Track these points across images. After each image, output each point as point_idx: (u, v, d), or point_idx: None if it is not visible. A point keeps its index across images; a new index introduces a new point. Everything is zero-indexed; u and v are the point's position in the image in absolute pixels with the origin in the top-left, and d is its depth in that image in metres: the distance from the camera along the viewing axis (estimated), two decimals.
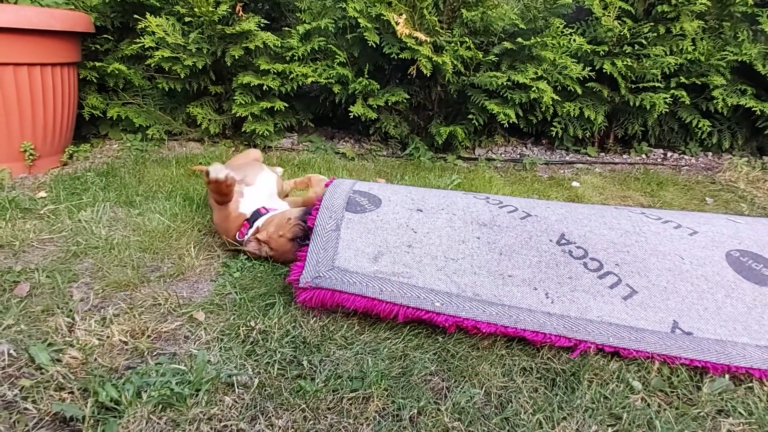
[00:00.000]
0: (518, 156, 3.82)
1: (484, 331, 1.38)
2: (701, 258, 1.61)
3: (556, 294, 1.47)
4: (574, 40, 3.30)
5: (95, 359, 1.24)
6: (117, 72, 3.22)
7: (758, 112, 3.37)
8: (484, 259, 1.55)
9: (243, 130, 3.41)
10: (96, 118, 3.47)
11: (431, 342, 1.40)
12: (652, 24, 3.25)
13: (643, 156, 3.86)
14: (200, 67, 3.18)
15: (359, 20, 3.05)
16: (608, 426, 1.13)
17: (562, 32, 3.22)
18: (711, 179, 3.28)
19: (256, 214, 1.85)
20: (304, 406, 1.12)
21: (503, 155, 3.82)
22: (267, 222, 1.82)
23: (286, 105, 3.39)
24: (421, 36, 3.00)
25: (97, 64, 3.19)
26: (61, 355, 1.23)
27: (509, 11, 3.17)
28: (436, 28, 3.13)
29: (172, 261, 1.82)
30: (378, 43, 3.14)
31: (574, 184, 3.16)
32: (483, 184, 2.99)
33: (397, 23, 2.98)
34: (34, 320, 1.40)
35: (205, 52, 3.17)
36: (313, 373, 1.24)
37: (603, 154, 3.91)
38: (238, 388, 1.17)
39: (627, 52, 3.31)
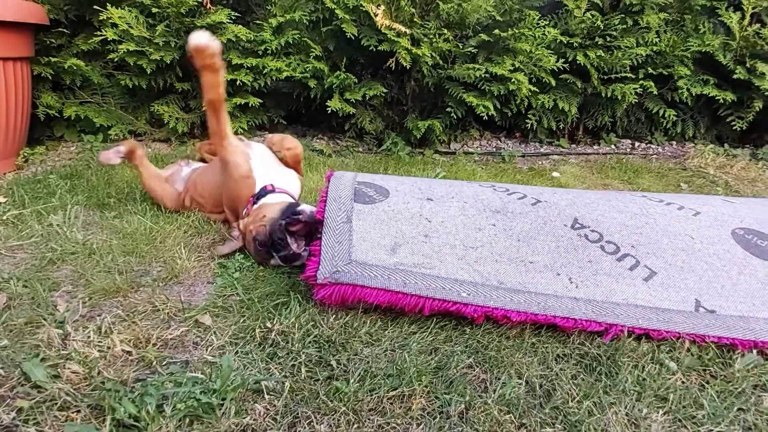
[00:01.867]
0: (494, 149, 3.83)
1: (514, 320, 1.33)
2: (710, 237, 1.62)
3: (579, 278, 1.43)
4: (548, 33, 3.33)
5: (99, 373, 1.10)
6: (74, 68, 3.00)
7: (721, 101, 3.50)
8: (503, 246, 1.50)
9: None
10: (50, 119, 3.22)
11: (459, 334, 1.33)
12: (622, 16, 3.33)
13: (613, 146, 3.95)
14: (168, 61, 3.00)
15: (337, 12, 2.96)
16: (657, 408, 1.10)
17: (537, 24, 3.24)
18: (682, 166, 3.38)
19: (263, 191, 1.74)
20: (344, 408, 1.03)
21: (479, 149, 3.81)
22: (255, 209, 1.71)
23: (260, 101, 3.25)
24: (401, 27, 2.95)
25: (52, 59, 2.96)
26: (59, 370, 1.09)
27: (485, 3, 3.16)
28: (414, 19, 3.09)
29: (161, 264, 1.68)
30: (356, 35, 3.06)
31: (555, 174, 3.19)
32: (467, 177, 2.96)
33: (375, 14, 2.91)
34: (17, 334, 1.24)
35: (172, 45, 2.99)
36: (344, 373, 1.15)
37: (574, 145, 3.98)
38: (267, 394, 1.07)
39: (599, 44, 3.37)
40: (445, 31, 3.13)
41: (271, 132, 3.81)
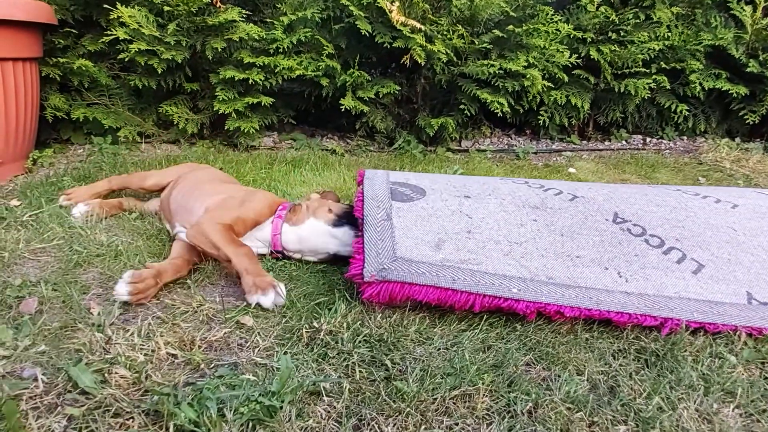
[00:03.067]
0: (506, 146, 3.80)
1: (567, 315, 1.29)
2: (752, 229, 1.60)
3: (628, 272, 1.40)
4: (561, 28, 3.30)
5: (147, 377, 1.05)
6: (83, 69, 2.94)
7: (734, 95, 3.49)
8: (547, 242, 1.46)
9: (225, 128, 3.20)
10: (57, 122, 3.15)
11: (510, 331, 1.30)
12: (635, 10, 3.31)
13: (623, 142, 3.93)
14: (179, 61, 2.95)
15: (350, 8, 2.93)
16: (728, 402, 1.07)
17: (551, 19, 3.21)
18: (697, 160, 3.37)
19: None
20: (408, 409, 0.99)
21: (491, 146, 3.78)
22: (308, 203, 1.72)
23: (272, 101, 3.20)
24: (415, 24, 2.91)
25: (61, 60, 2.90)
26: (106, 375, 1.04)
27: None
28: (428, 15, 3.05)
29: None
30: (370, 32, 3.02)
31: (571, 170, 3.16)
32: (485, 174, 2.92)
33: (390, 11, 2.87)
34: (54, 339, 1.19)
35: (183, 45, 2.94)
36: (400, 373, 1.11)
37: (585, 142, 3.96)
38: (326, 395, 1.02)
39: (613, 38, 3.35)
40: (459, 27, 3.09)
41: (279, 132, 3.78)
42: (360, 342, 1.20)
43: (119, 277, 1.44)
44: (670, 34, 3.47)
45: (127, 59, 2.93)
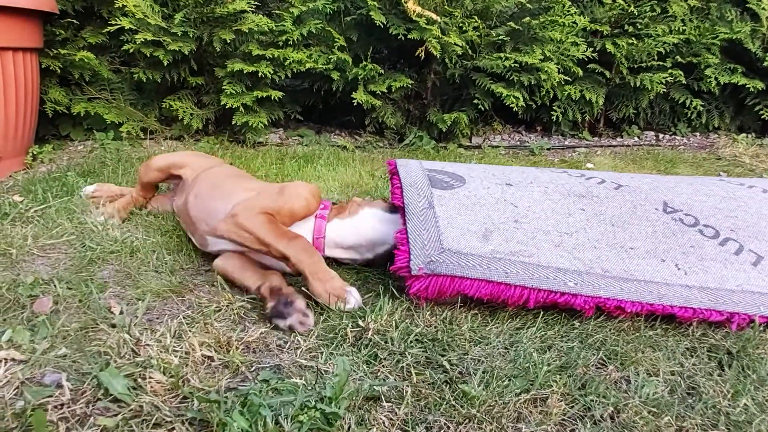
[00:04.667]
0: (517, 143, 3.72)
1: (628, 311, 1.20)
2: None
3: (686, 265, 1.31)
4: (576, 22, 3.23)
5: (185, 382, 0.94)
6: (84, 62, 2.82)
7: (751, 89, 3.44)
8: (598, 232, 1.37)
9: (232, 123, 3.08)
10: (56, 117, 3.03)
11: (568, 329, 1.20)
12: (652, 3, 3.24)
13: (636, 138, 3.87)
14: (186, 52, 2.83)
15: None
16: None
17: (567, 11, 3.14)
18: (715, 156, 3.30)
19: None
20: (480, 415, 0.89)
21: (502, 142, 3.70)
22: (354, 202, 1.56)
23: (282, 94, 3.10)
24: (432, 15, 2.82)
25: (62, 51, 2.77)
26: (139, 380, 0.93)
27: None
28: (444, 6, 2.96)
29: (212, 263, 1.52)
30: (384, 23, 2.93)
31: (589, 165, 3.08)
32: None
33: (406, 1, 2.78)
34: (75, 341, 1.08)
35: (191, 36, 2.83)
36: (462, 375, 1.01)
37: (596, 138, 3.89)
38: (385, 401, 0.92)
39: (629, 32, 3.28)
40: (475, 18, 3.01)
41: (285, 128, 3.67)
42: (412, 342, 1.10)
43: (136, 275, 1.33)
44: (685, 27, 3.41)
45: (131, 51, 2.82)
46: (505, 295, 1.19)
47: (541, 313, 1.23)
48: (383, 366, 1.03)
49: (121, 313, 1.21)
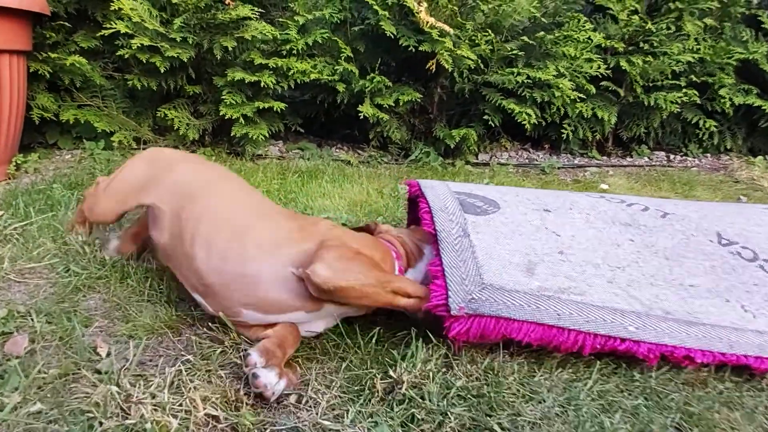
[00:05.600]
0: (526, 161, 3.59)
1: (698, 361, 1.05)
2: None
3: (752, 306, 1.17)
4: (591, 38, 3.13)
5: None
6: (76, 67, 2.65)
7: (766, 110, 3.35)
8: (652, 266, 1.22)
9: (231, 135, 2.92)
10: (43, 124, 2.85)
11: (627, 381, 1.05)
12: (669, 20, 3.15)
13: (647, 159, 3.76)
14: (185, 59, 2.67)
15: (375, 7, 2.70)
16: None
17: (583, 27, 3.03)
18: (732, 178, 3.20)
19: None
20: None
21: (510, 159, 3.57)
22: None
23: (284, 106, 2.95)
24: (445, 27, 2.70)
25: (52, 55, 2.60)
26: None
27: (528, 4, 2.94)
28: (456, 18, 2.84)
29: None
30: (395, 34, 2.79)
31: (603, 186, 2.96)
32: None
33: (418, 12, 2.66)
34: (54, 393, 0.90)
35: (190, 42, 2.68)
36: None
37: (605, 157, 3.77)
38: None
39: (645, 49, 3.18)
40: (489, 32, 2.89)
41: (285, 140, 3.51)
42: (453, 398, 0.94)
43: (126, 305, 1.15)
44: (699, 47, 3.32)
45: (126, 56, 2.65)
46: (558, 341, 1.03)
47: (596, 362, 1.07)
48: (422, 430, 0.86)
49: (109, 354, 1.03)
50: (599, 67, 3.16)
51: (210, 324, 1.19)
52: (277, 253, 1.08)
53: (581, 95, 3.10)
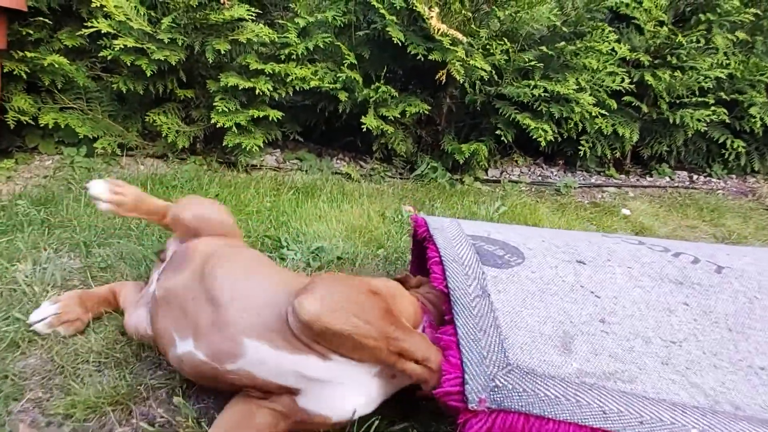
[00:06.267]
0: (539, 178, 3.37)
1: None
2: None
3: None
4: (615, 49, 2.90)
5: None
6: (55, 67, 2.43)
7: None
8: (714, 341, 1.00)
9: (224, 144, 2.70)
10: (22, 127, 2.64)
11: None
12: (700, 32, 2.93)
13: (668, 178, 3.53)
14: (173, 62, 2.46)
15: (382, 11, 2.48)
16: None
17: (607, 37, 2.81)
18: (763, 205, 2.96)
19: None
20: None
21: (521, 177, 3.35)
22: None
23: (281, 115, 2.73)
24: (457, 34, 2.47)
25: (28, 54, 2.39)
26: None
27: (548, 11, 2.72)
28: (470, 25, 2.62)
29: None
30: (402, 41, 2.57)
31: (625, 211, 2.73)
32: (530, 214, 2.47)
33: (430, 18, 2.44)
34: None
35: (179, 44, 2.46)
36: None
37: (623, 176, 3.55)
38: None
39: (673, 63, 2.96)
40: (505, 40, 2.67)
41: (282, 150, 3.30)
42: None
43: (72, 368, 0.93)
44: (728, 62, 3.10)
45: (109, 58, 2.44)
46: None
47: None
48: None
49: None
50: (622, 81, 2.94)
51: (167, 396, 0.97)
52: (290, 283, 0.95)
53: (603, 111, 2.88)
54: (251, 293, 0.94)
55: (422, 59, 2.60)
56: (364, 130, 2.79)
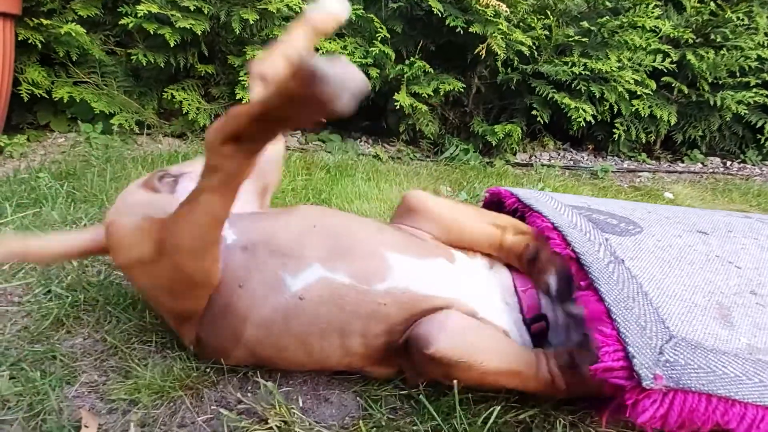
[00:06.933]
0: (570, 162, 3.24)
1: None
2: None
3: None
4: (658, 26, 2.77)
5: None
6: (72, 36, 2.27)
7: None
8: None
9: None
10: (33, 103, 2.48)
11: None
12: (746, 9, 2.80)
13: (701, 164, 3.41)
14: (199, 32, 2.30)
15: None
16: None
17: (651, 13, 2.68)
18: None
19: None
20: None
21: (552, 161, 3.22)
22: None
23: None
24: (501, 5, 2.33)
25: (45, 21, 2.22)
26: None
27: None
28: None
29: None
30: (442, 12, 2.43)
31: (668, 195, 2.60)
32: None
33: None
34: None
35: (205, 12, 2.30)
36: None
37: (655, 161, 3.43)
38: None
39: (717, 42, 2.83)
40: (548, 13, 2.53)
41: (305, 130, 3.15)
42: None
43: (127, 348, 0.79)
44: None
45: (130, 26, 2.28)
46: None
47: None
48: None
49: None
50: (663, 60, 2.81)
51: (244, 376, 0.83)
52: None
53: (646, 90, 2.75)
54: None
55: (461, 32, 2.46)
56: (394, 109, 2.64)
